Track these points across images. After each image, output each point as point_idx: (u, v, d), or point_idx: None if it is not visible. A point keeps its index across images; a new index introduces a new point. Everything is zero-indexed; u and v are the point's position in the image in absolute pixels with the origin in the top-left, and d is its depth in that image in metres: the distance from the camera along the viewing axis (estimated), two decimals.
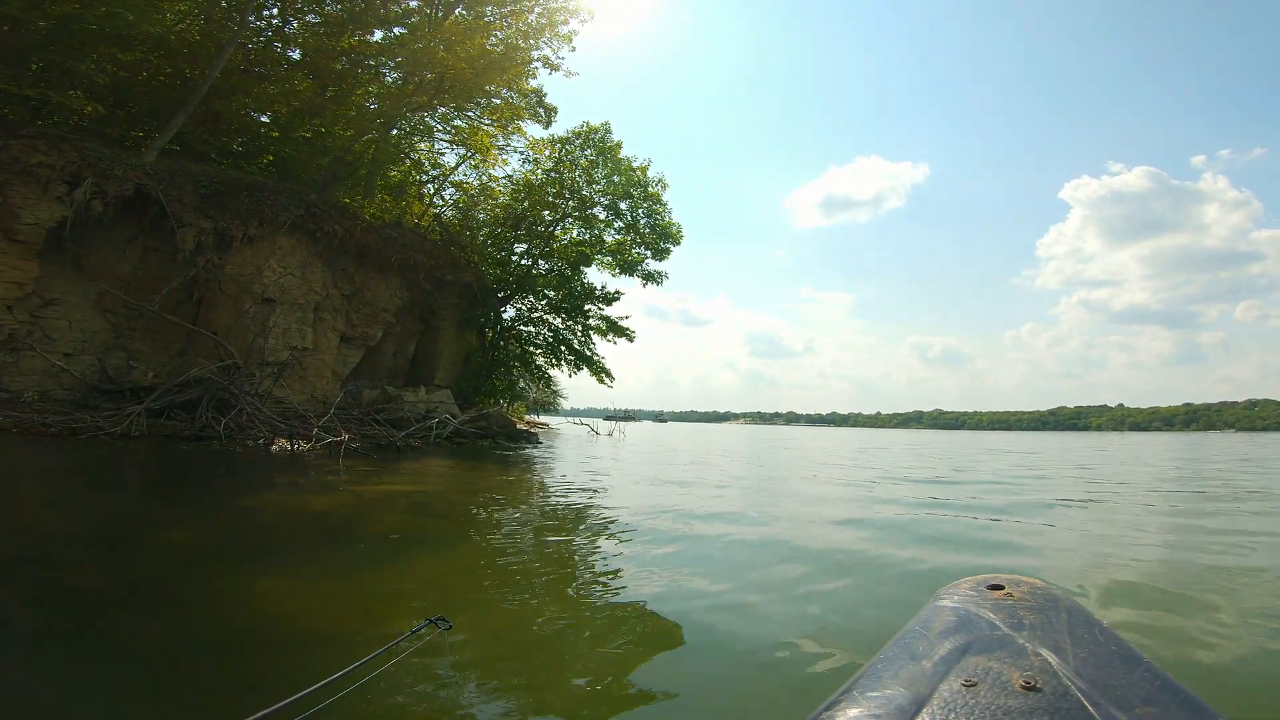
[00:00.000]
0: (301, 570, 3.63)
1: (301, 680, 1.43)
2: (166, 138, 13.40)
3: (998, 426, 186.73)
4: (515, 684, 2.27)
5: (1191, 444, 39.32)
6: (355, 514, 5.37)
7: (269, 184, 14.05)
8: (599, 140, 25.43)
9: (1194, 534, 5.62)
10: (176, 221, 12.53)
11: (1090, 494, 8.85)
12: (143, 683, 2.18)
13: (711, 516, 5.97)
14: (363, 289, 16.24)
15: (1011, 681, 0.74)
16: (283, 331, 13.41)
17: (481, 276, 20.78)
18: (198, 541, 4.24)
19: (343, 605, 3.08)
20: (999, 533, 5.43)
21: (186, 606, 2.91)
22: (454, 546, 4.42)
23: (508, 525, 5.31)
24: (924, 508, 7.04)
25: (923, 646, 0.85)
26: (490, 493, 7.14)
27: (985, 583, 0.98)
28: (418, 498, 6.34)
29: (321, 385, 14.91)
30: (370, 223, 16.31)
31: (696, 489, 8.41)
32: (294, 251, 13.93)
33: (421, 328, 20.27)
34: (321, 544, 4.42)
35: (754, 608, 3.19)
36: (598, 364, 26.72)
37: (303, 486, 6.82)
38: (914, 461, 16.52)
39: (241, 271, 13.00)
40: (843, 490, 8.89)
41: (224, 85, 14.65)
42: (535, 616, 3.00)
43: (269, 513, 5.40)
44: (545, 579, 3.66)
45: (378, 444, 11.71)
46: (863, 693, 0.77)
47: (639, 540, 4.76)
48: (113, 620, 2.73)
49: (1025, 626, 0.86)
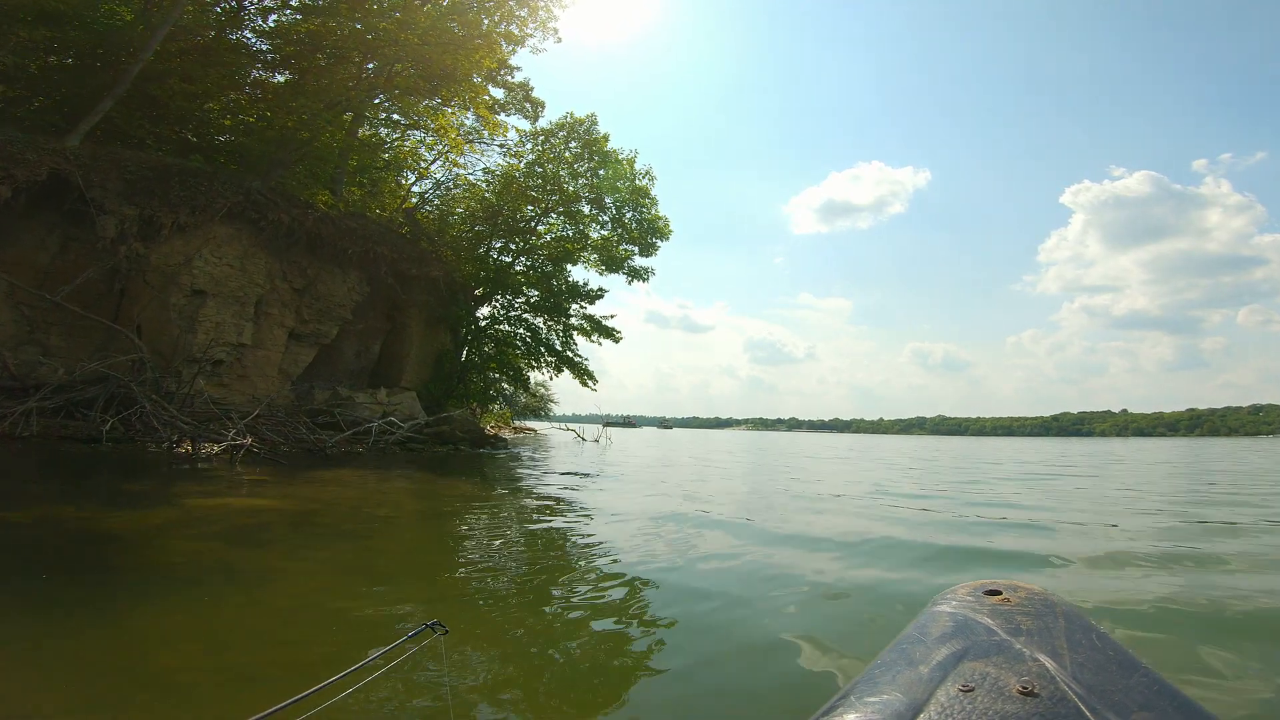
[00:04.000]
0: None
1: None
2: (91, 122, 12.43)
3: (1000, 432, 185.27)
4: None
5: (1201, 449, 38.12)
6: (153, 536, 4.24)
7: (206, 170, 13.04)
8: (584, 132, 24.42)
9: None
10: (97, 208, 11.52)
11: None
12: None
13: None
14: (316, 282, 15.20)
15: (1009, 687, 0.74)
16: (215, 326, 12.35)
17: (450, 271, 19.70)
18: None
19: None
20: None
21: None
22: (218, 591, 3.26)
23: (321, 562, 4.03)
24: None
25: (920, 652, 0.85)
26: (372, 508, 6.02)
27: (983, 588, 0.99)
28: (269, 517, 5.22)
29: (266, 385, 13.84)
30: (325, 212, 15.27)
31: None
32: (232, 241, 12.89)
33: (387, 326, 19.22)
34: (49, 576, 3.32)
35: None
36: (580, 366, 25.61)
37: (135, 497, 5.70)
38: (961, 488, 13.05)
39: (168, 262, 11.96)
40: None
41: (160, 69, 13.70)
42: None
43: (31, 530, 4.32)
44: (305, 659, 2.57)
45: (310, 450, 10.64)
46: (860, 698, 0.77)
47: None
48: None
49: (1023, 632, 0.86)
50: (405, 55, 14.75)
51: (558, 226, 25.71)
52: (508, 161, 24.58)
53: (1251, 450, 34.92)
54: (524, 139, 24.71)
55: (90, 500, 5.55)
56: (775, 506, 7.67)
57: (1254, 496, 9.15)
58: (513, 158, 24.60)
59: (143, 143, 13.83)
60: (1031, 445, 49.06)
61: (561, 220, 25.51)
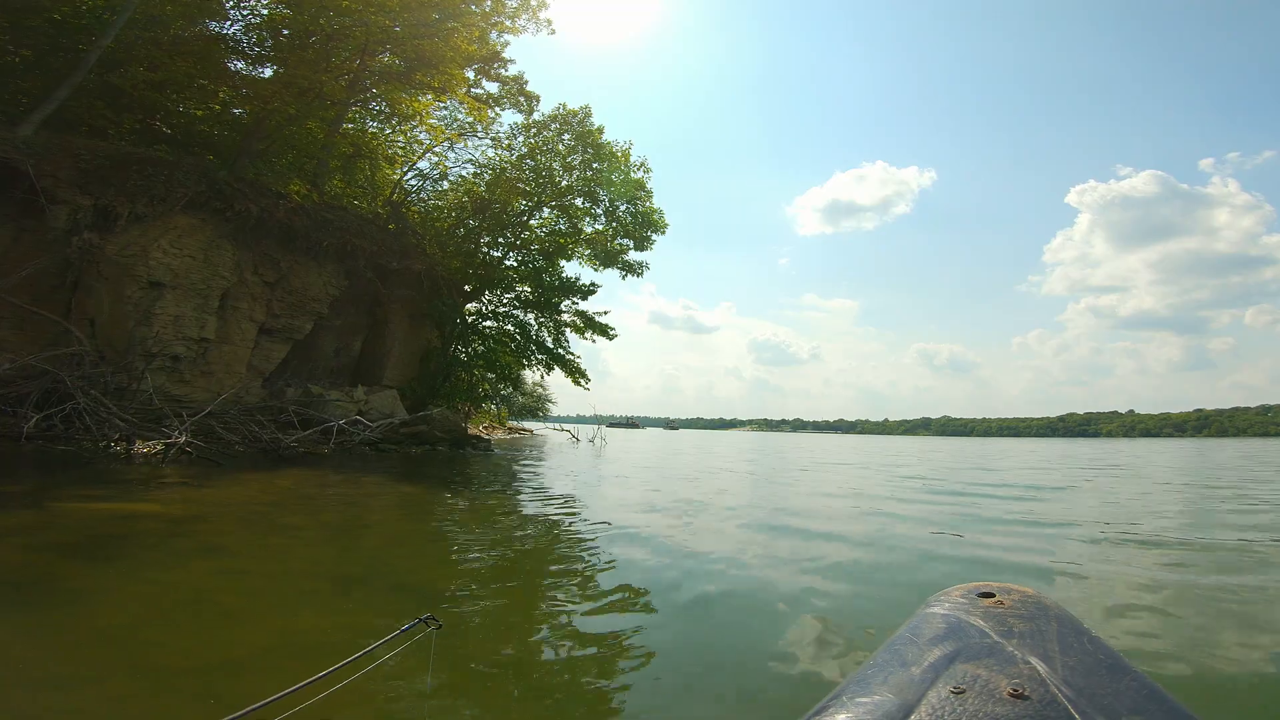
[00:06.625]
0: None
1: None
2: (47, 110, 11.91)
3: (1006, 433, 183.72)
4: None
5: (1209, 451, 37.16)
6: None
7: (167, 159, 12.48)
8: (578, 124, 23.75)
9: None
10: (48, 198, 10.99)
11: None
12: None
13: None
14: (289, 276, 14.63)
15: (999, 689, 0.74)
16: (173, 319, 11.78)
17: (434, 265, 19.10)
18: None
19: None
20: None
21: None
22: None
23: (145, 587, 3.26)
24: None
25: (912, 653, 0.86)
26: (276, 516, 5.35)
27: (976, 590, 0.99)
28: (142, 524, 4.57)
29: (233, 382, 13.28)
30: (299, 203, 14.70)
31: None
32: (194, 232, 12.33)
33: (369, 322, 18.66)
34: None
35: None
36: (571, 363, 24.96)
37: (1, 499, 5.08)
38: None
39: (123, 253, 11.41)
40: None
41: (122, 57, 13.17)
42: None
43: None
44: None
45: (266, 450, 10.06)
46: (852, 698, 0.77)
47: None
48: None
49: (1015, 634, 0.86)
50: (382, 38, 14.18)
51: (551, 221, 25.09)
52: (499, 154, 23.98)
53: (1266, 452, 33.94)
54: (515, 131, 24.07)
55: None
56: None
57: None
58: (505, 150, 24.00)
59: (104, 132, 13.27)
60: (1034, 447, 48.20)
61: (555, 214, 24.88)
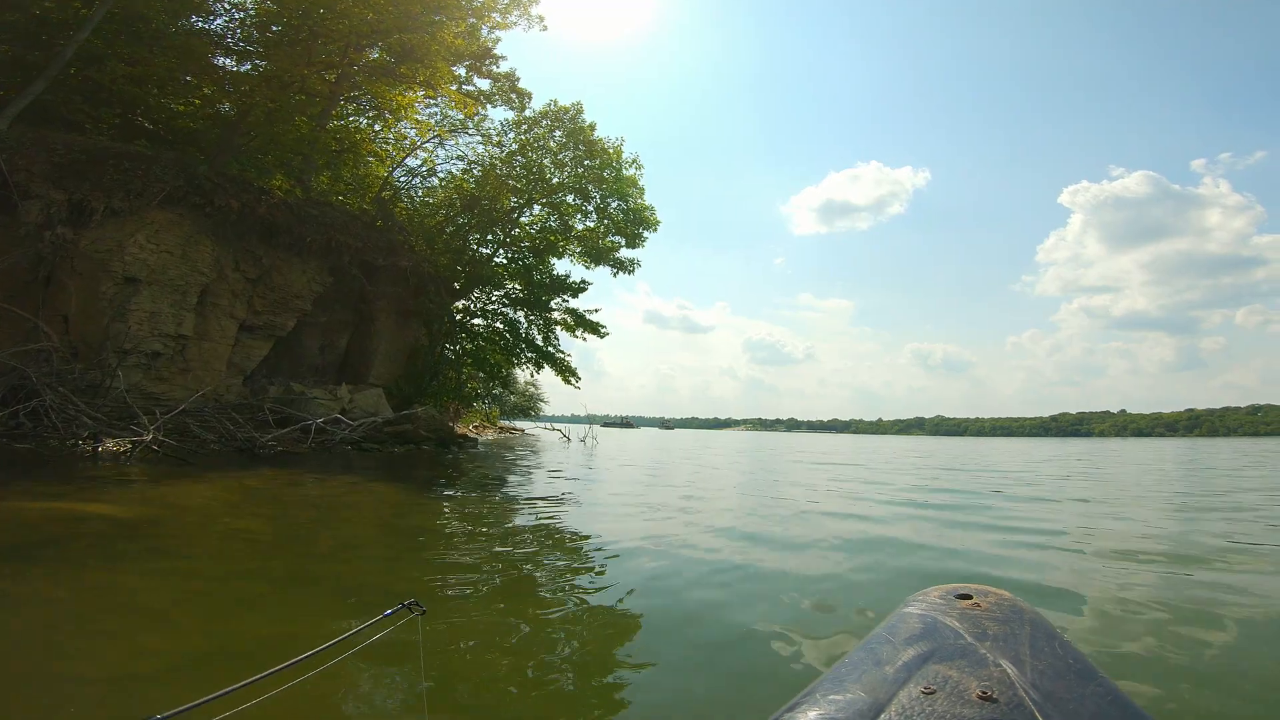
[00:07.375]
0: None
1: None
2: (21, 105, 11.71)
3: (999, 433, 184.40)
4: None
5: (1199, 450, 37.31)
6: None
7: (144, 153, 12.28)
8: (570, 120, 23.56)
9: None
10: (21, 193, 10.79)
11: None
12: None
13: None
14: (271, 272, 14.43)
15: (969, 691, 0.75)
16: (149, 315, 11.58)
17: (422, 262, 18.91)
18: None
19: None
20: None
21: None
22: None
23: (68, 595, 3.11)
24: None
25: (887, 652, 0.86)
26: (229, 519, 5.17)
27: (954, 591, 0.99)
28: (90, 525, 4.42)
29: (213, 379, 13.09)
30: (281, 198, 14.50)
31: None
32: (172, 227, 12.13)
33: (354, 320, 18.46)
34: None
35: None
36: (561, 362, 24.82)
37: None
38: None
39: (98, 248, 11.20)
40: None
41: (100, 51, 12.95)
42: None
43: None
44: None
45: (242, 449, 9.89)
46: (824, 695, 0.78)
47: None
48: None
49: (989, 637, 0.87)
50: (367, 31, 13.99)
51: (541, 218, 24.91)
52: (489, 150, 23.77)
53: (1254, 451, 34.10)
54: (506, 128, 23.87)
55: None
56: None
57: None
58: (495, 146, 23.79)
59: (81, 127, 13.06)
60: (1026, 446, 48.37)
61: (545, 211, 24.70)
